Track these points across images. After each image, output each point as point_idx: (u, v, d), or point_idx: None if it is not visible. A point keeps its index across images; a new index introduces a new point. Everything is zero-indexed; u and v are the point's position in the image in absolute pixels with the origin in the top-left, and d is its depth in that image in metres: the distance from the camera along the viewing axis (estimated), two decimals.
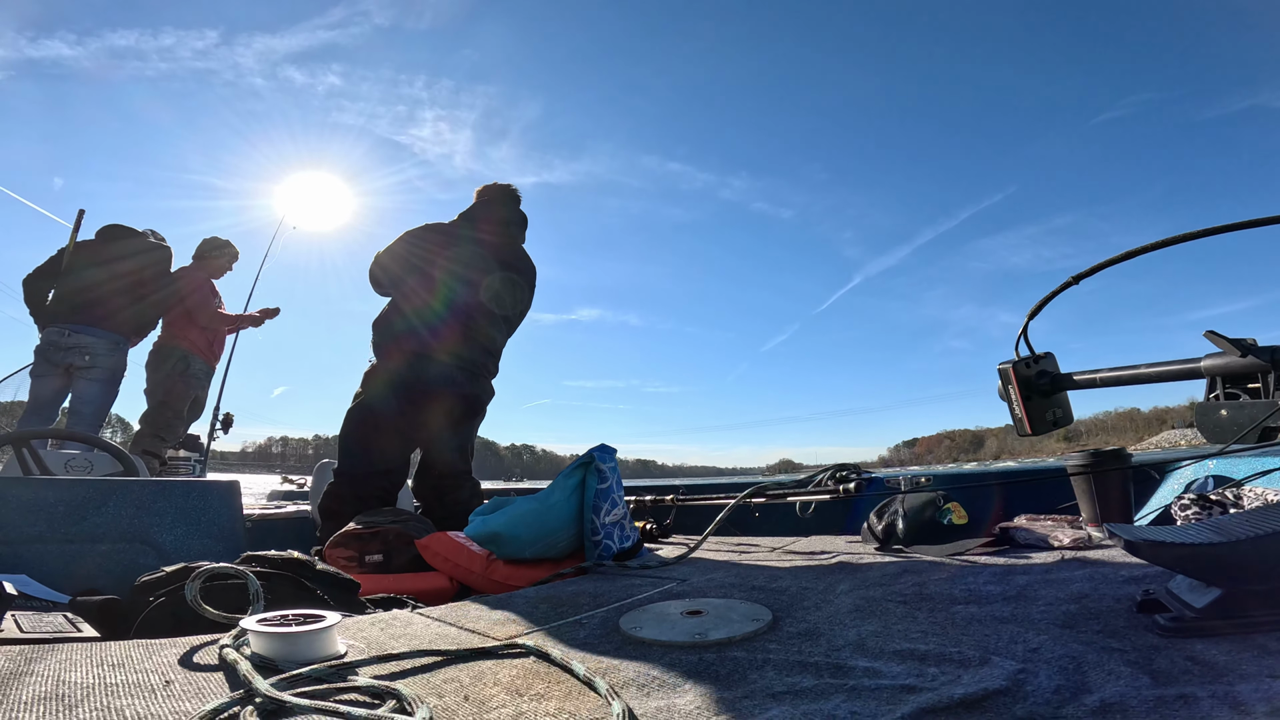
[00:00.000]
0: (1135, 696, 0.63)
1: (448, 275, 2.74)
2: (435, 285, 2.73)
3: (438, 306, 2.72)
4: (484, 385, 2.87)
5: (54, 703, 0.69)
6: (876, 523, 1.97)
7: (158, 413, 4.03)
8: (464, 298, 2.75)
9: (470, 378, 2.77)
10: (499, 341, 2.94)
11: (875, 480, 2.64)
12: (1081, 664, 0.74)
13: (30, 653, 0.85)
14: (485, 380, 2.87)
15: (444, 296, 2.73)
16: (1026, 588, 1.17)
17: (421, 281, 2.74)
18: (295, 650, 0.87)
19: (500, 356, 2.97)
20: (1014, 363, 1.23)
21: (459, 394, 2.73)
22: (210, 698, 0.72)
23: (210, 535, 1.71)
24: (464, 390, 2.75)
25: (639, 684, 0.79)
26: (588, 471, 1.95)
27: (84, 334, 3.61)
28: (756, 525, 2.83)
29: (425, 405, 2.67)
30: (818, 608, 1.14)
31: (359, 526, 2.07)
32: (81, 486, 1.62)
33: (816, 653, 0.87)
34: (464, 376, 2.74)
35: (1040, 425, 1.24)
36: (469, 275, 2.77)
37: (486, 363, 2.86)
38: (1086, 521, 1.93)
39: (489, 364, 2.88)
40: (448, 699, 0.76)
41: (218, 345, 4.33)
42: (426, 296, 2.73)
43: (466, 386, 2.75)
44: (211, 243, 4.39)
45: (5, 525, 1.41)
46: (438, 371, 2.67)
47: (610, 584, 1.49)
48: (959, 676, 0.73)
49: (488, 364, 2.87)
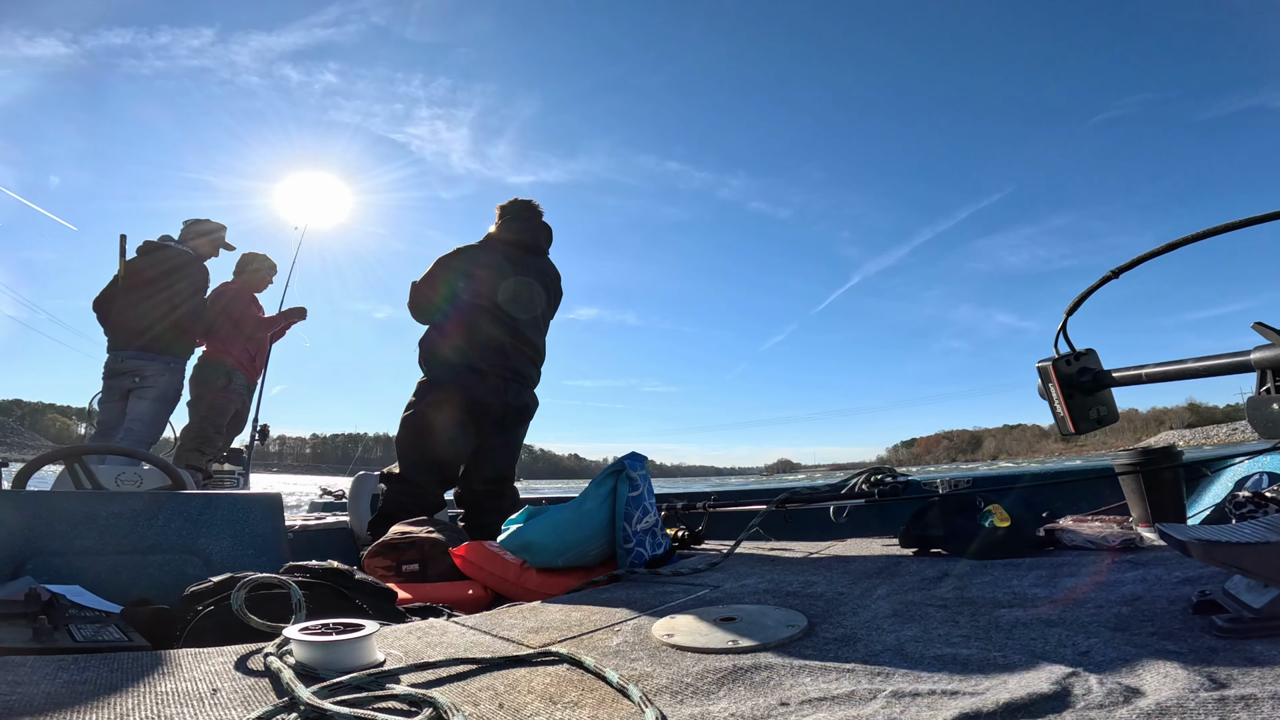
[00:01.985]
0: (1193, 700, 0.60)
1: (484, 291, 2.82)
2: (474, 303, 2.82)
3: (483, 323, 2.80)
4: (530, 395, 2.96)
5: (106, 711, 0.71)
6: (914, 526, 1.93)
7: (200, 427, 4.17)
8: (502, 311, 2.84)
9: (519, 389, 2.86)
10: (540, 348, 3.02)
11: (912, 483, 2.58)
12: (1135, 667, 0.71)
13: (84, 661, 0.88)
14: (531, 389, 2.96)
15: (483, 312, 2.81)
16: (1075, 590, 1.13)
17: (462, 300, 2.83)
18: (336, 659, 0.89)
19: (542, 364, 3.05)
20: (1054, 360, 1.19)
21: (508, 404, 2.81)
22: (255, 706, 0.74)
23: (254, 546, 1.76)
24: (513, 401, 2.83)
25: (672, 691, 0.78)
26: (619, 479, 1.95)
27: (136, 359, 3.79)
28: (790, 531, 2.79)
29: (476, 417, 2.75)
30: (855, 613, 1.11)
31: (395, 536, 2.10)
32: (132, 500, 1.68)
33: (854, 658, 0.85)
34: (514, 388, 2.83)
35: (1084, 424, 1.19)
36: (505, 289, 2.85)
37: (531, 373, 2.95)
38: (1137, 521, 1.86)
39: (533, 374, 2.97)
40: (483, 707, 0.76)
41: (259, 359, 4.47)
42: (468, 315, 2.82)
43: (515, 398, 2.84)
44: (250, 257, 4.54)
45: (60, 538, 1.47)
46: (489, 385, 2.76)
47: (643, 591, 1.48)
48: (1004, 681, 0.71)
49: (532, 374, 2.96)
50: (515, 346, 2.84)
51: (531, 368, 2.95)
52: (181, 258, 4.07)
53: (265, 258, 4.59)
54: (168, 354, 3.90)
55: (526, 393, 2.91)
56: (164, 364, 3.87)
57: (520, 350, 2.86)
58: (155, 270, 3.95)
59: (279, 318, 4.53)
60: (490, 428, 2.81)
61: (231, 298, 4.31)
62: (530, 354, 2.93)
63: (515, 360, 2.84)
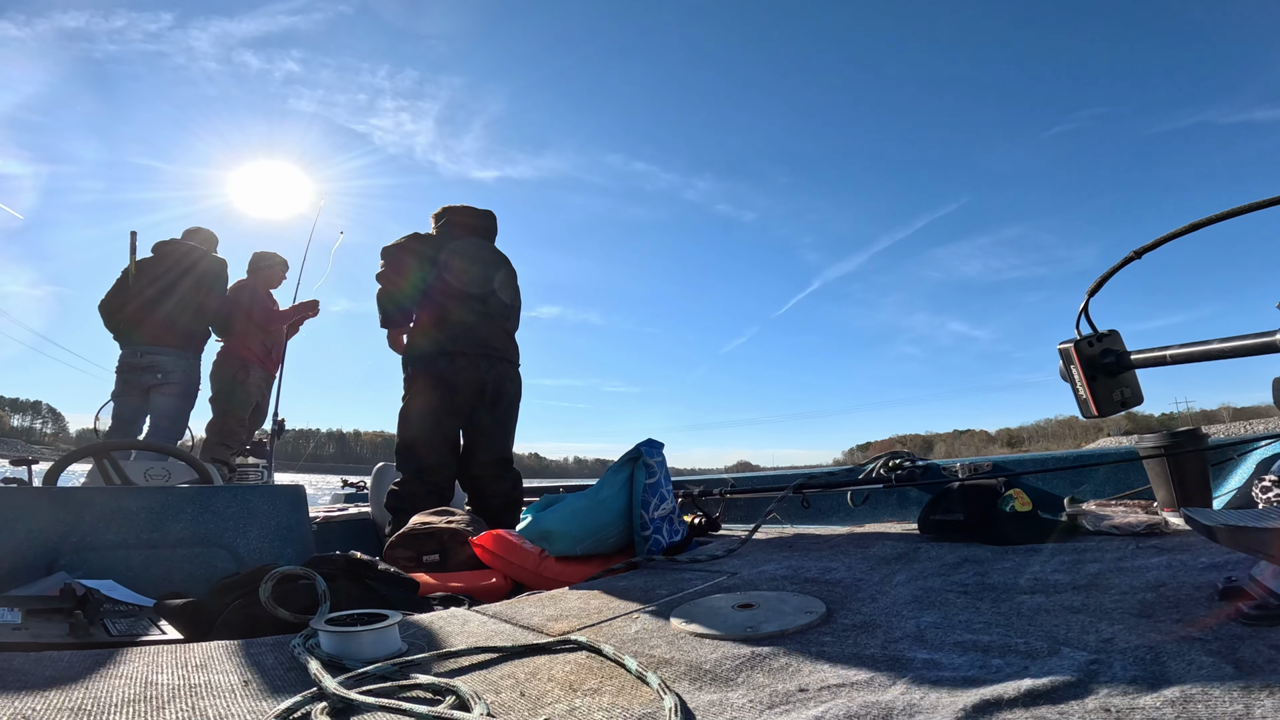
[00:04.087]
0: (1217, 687, 0.60)
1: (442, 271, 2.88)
2: (442, 287, 2.88)
3: (452, 307, 2.86)
4: (510, 372, 3.00)
5: (142, 705, 0.73)
6: (934, 511, 1.92)
7: (222, 421, 4.25)
8: (471, 294, 2.90)
9: (491, 366, 2.89)
10: (511, 326, 3.08)
11: (931, 468, 2.56)
12: (1160, 654, 0.70)
13: (119, 655, 0.91)
14: (509, 367, 3.00)
15: (452, 296, 2.87)
16: (1098, 576, 1.12)
17: (431, 287, 2.88)
18: (361, 649, 0.91)
19: (514, 340, 3.10)
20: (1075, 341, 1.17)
21: (484, 382, 2.86)
22: (285, 696, 0.76)
23: (280, 538, 1.79)
24: (489, 378, 2.87)
25: (691, 678, 0.79)
26: (636, 466, 1.95)
27: (155, 354, 3.86)
28: (808, 516, 2.79)
29: (456, 399, 2.81)
30: (873, 599, 1.11)
31: (415, 527, 2.13)
32: (161, 494, 1.72)
33: (873, 645, 0.85)
34: (485, 365, 2.87)
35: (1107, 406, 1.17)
36: (467, 269, 2.91)
37: (507, 351, 2.99)
38: (1161, 506, 1.83)
39: (509, 351, 3.01)
40: (504, 695, 0.77)
41: (276, 353, 4.54)
42: (437, 301, 2.87)
43: (490, 373, 2.88)
44: (262, 256, 4.61)
45: (91, 532, 1.51)
46: (459, 366, 2.81)
47: (660, 578, 1.49)
48: (1025, 668, 0.71)
49: (508, 352, 3.00)
50: (487, 327, 2.91)
51: (507, 345, 3.00)
52: (200, 254, 4.13)
53: (277, 255, 4.66)
54: (187, 349, 3.97)
55: (503, 369, 2.96)
56: (184, 359, 3.95)
57: (492, 330, 2.93)
58: (175, 267, 4.01)
59: (292, 311, 4.61)
60: (474, 409, 2.87)
61: (248, 293, 4.38)
62: (503, 333, 2.99)
63: (489, 339, 2.90)
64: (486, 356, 2.88)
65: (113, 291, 4.00)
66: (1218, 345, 0.99)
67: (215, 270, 4.18)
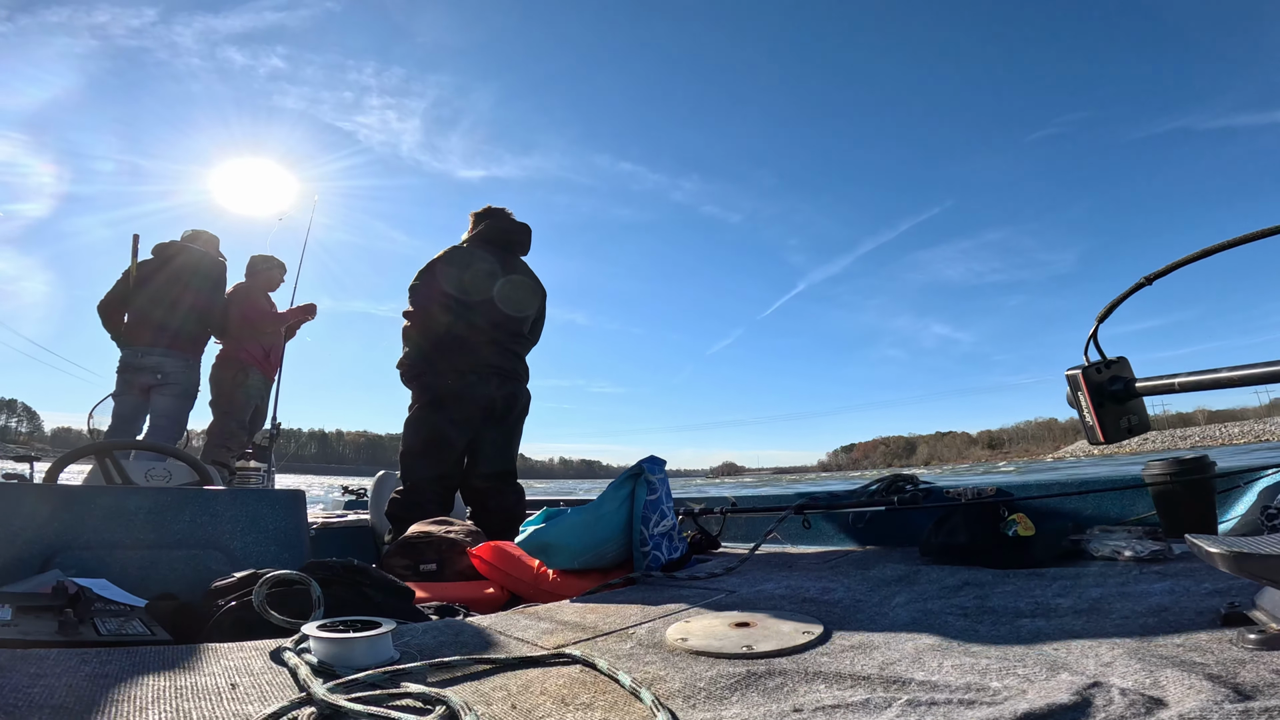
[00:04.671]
0: (1216, 712, 0.58)
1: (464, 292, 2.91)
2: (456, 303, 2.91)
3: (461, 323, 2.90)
4: (518, 388, 3.03)
5: (126, 705, 0.72)
6: (936, 534, 1.90)
7: (222, 423, 4.26)
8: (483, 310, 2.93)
9: (501, 382, 2.93)
10: (524, 345, 3.12)
11: (934, 491, 2.54)
12: (1159, 678, 0.69)
13: (107, 655, 0.90)
14: (518, 383, 3.03)
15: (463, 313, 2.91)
16: (1100, 601, 1.11)
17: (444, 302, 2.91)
18: (352, 655, 0.90)
19: (526, 357, 3.14)
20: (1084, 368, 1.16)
21: (493, 398, 2.89)
22: (272, 700, 0.75)
23: (277, 542, 1.78)
24: (497, 394, 2.90)
25: (685, 695, 0.78)
26: (637, 483, 1.95)
27: (156, 355, 3.89)
28: (808, 537, 2.76)
29: (461, 415, 2.84)
30: (872, 620, 1.10)
31: (413, 536, 2.12)
32: (161, 495, 1.71)
33: (870, 666, 0.84)
34: (496, 382, 2.90)
35: (1114, 433, 1.16)
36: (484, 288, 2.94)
37: (516, 368, 3.02)
38: (1166, 532, 1.81)
39: (518, 369, 3.04)
40: (495, 707, 0.76)
41: (274, 356, 4.56)
42: (447, 317, 2.91)
43: (500, 390, 2.91)
44: (260, 259, 4.65)
45: (90, 531, 1.51)
46: (469, 383, 2.84)
47: (658, 594, 1.48)
48: (1023, 691, 0.70)
49: (517, 369, 3.04)
50: (496, 343, 2.94)
51: (515, 362, 3.03)
52: (202, 258, 4.17)
53: (274, 258, 4.70)
54: (186, 352, 4.00)
55: (513, 386, 2.99)
56: (185, 361, 3.98)
57: (502, 346, 2.95)
58: (177, 270, 4.05)
59: (290, 314, 4.64)
60: (481, 423, 2.89)
61: (246, 296, 4.41)
62: (513, 350, 3.02)
63: (496, 357, 2.92)
64: (499, 375, 2.91)
65: (112, 293, 4.03)
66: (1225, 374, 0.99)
67: (215, 273, 4.22)
